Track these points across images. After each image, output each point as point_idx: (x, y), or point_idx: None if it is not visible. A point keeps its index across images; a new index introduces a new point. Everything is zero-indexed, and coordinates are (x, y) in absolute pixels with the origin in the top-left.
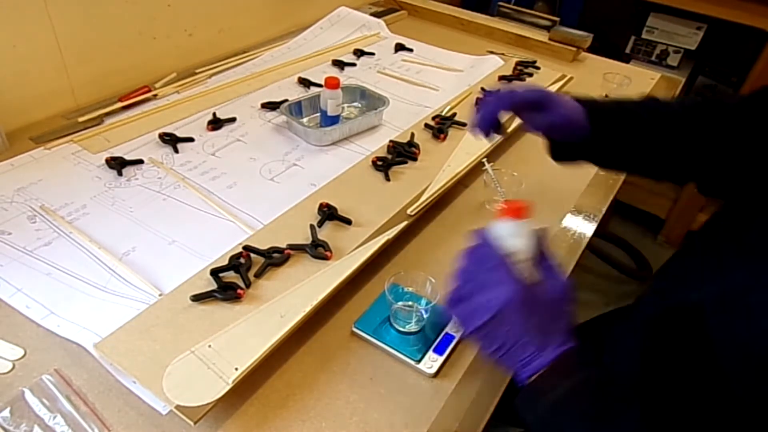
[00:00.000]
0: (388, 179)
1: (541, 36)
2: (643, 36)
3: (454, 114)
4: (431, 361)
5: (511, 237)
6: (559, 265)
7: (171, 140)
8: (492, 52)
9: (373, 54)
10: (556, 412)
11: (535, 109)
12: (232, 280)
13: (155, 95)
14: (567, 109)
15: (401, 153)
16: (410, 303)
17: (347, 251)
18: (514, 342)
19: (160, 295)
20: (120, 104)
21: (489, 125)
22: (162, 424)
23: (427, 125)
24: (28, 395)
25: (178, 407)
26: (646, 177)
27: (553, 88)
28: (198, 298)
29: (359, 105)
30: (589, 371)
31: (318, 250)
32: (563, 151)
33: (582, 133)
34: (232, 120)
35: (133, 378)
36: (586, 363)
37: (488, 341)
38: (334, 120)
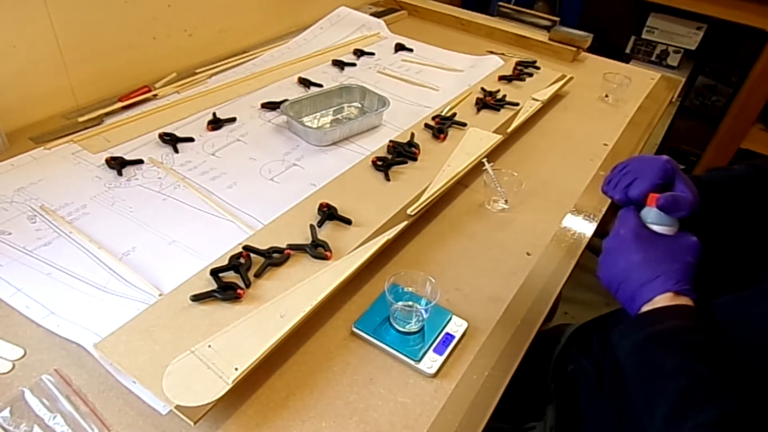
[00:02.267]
0: (388, 179)
1: (541, 36)
2: (643, 36)
3: (454, 114)
4: (431, 361)
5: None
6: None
7: (171, 140)
8: (492, 52)
9: (373, 54)
10: (659, 340)
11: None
12: (232, 280)
13: (155, 95)
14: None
15: (401, 153)
16: (410, 303)
17: (347, 251)
18: (629, 270)
19: (160, 295)
20: (120, 104)
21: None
22: (162, 424)
23: (427, 125)
24: (28, 395)
25: (178, 407)
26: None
27: (553, 88)
28: (198, 298)
29: (359, 105)
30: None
31: (318, 250)
32: None
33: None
34: (232, 120)
35: (133, 378)
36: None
37: (605, 274)
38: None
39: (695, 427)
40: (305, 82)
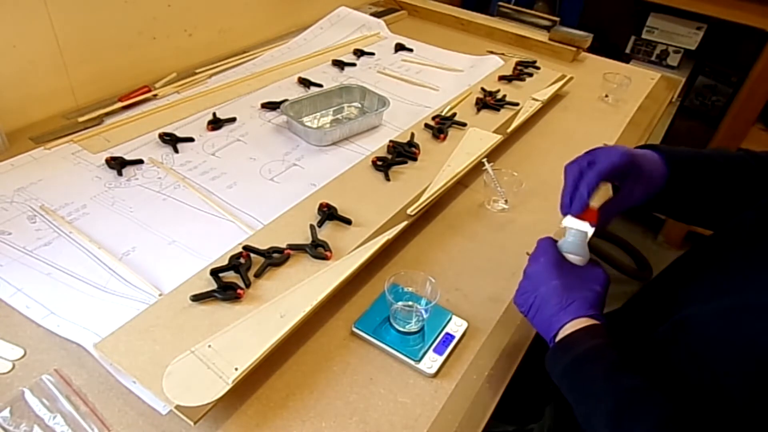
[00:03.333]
0: (388, 179)
1: (541, 36)
2: (643, 36)
3: (454, 114)
4: (431, 361)
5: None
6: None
7: (171, 140)
8: (492, 52)
9: (373, 54)
10: (581, 362)
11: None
12: (232, 280)
13: (155, 95)
14: (648, 166)
15: (401, 153)
16: (410, 303)
17: (347, 251)
18: (542, 302)
19: (160, 295)
20: (120, 104)
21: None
22: (162, 424)
23: (427, 125)
24: (28, 395)
25: (178, 407)
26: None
27: (553, 88)
28: (198, 298)
29: (359, 105)
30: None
31: (318, 250)
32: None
33: (658, 184)
34: (232, 120)
35: (133, 378)
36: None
37: (523, 302)
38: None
39: None
40: (305, 82)
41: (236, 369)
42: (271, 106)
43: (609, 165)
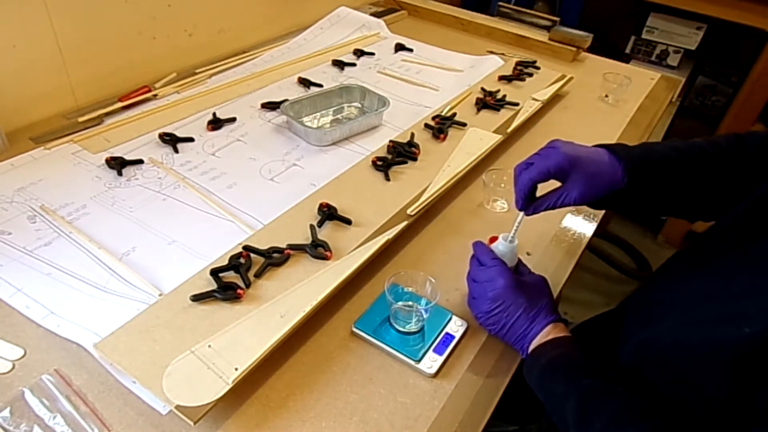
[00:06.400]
0: (388, 179)
1: (541, 36)
2: (643, 36)
3: (454, 114)
4: (431, 361)
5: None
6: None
7: (171, 140)
8: (492, 52)
9: (373, 54)
10: (548, 370)
11: (563, 177)
12: (232, 280)
13: (155, 95)
14: (594, 168)
15: (401, 153)
16: (410, 303)
17: (347, 251)
18: (512, 319)
19: (160, 295)
20: (120, 104)
21: (525, 200)
22: (162, 424)
23: (427, 125)
24: (28, 395)
25: (178, 407)
26: (680, 218)
27: (553, 88)
28: (198, 298)
29: (359, 105)
30: (573, 347)
31: (318, 250)
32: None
33: (614, 184)
34: (232, 120)
35: (133, 378)
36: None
37: (494, 323)
38: None
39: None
40: (305, 82)
41: (236, 369)
42: (271, 106)
43: (542, 169)
